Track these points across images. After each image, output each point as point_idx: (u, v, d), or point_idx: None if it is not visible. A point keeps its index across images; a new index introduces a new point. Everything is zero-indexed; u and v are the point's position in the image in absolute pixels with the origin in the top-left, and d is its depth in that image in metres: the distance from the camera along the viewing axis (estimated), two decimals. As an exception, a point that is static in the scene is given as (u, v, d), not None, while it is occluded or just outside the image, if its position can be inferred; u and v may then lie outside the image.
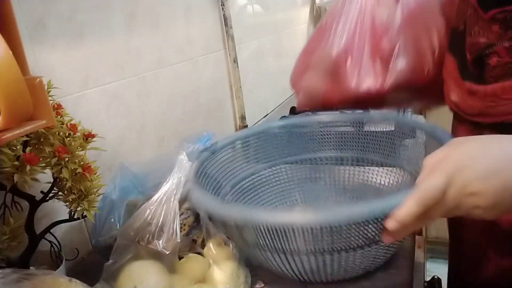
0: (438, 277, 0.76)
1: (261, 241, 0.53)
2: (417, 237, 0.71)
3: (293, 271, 0.57)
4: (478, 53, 0.54)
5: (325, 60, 0.73)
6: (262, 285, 0.61)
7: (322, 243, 0.51)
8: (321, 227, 0.50)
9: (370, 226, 0.49)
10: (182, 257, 0.63)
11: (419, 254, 0.75)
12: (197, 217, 0.66)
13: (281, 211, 0.75)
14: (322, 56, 0.74)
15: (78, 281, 0.50)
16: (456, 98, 0.59)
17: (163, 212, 0.60)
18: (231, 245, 0.61)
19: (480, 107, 0.54)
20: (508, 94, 0.51)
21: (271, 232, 0.51)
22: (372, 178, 0.78)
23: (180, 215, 0.65)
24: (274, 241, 0.52)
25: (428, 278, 0.86)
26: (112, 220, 0.66)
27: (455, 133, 0.63)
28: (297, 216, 0.48)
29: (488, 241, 0.59)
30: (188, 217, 0.66)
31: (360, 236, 0.51)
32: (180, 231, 0.65)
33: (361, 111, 0.81)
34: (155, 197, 0.61)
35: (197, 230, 0.67)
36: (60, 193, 0.57)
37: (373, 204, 0.43)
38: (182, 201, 0.67)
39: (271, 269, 0.60)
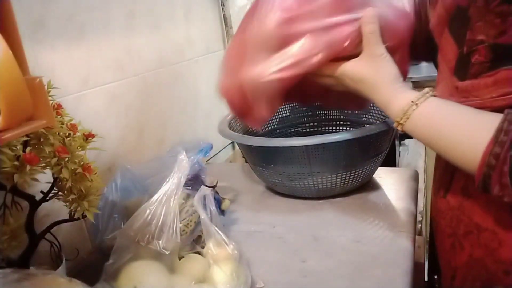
0: (438, 277, 0.76)
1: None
2: (417, 237, 0.71)
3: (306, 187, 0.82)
4: (471, 49, 0.54)
5: (265, 36, 0.61)
6: (262, 285, 0.61)
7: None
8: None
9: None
10: (182, 257, 0.63)
11: (419, 254, 0.75)
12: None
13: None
14: (259, 33, 0.61)
15: (78, 281, 0.50)
16: (441, 91, 0.60)
17: (163, 212, 0.60)
18: (231, 245, 0.61)
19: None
20: (476, 91, 0.52)
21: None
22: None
23: (186, 212, 0.66)
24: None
25: (426, 278, 0.86)
26: (117, 219, 0.66)
27: None
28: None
29: (463, 232, 0.61)
30: (193, 213, 0.66)
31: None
32: (187, 227, 0.65)
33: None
34: (155, 197, 0.61)
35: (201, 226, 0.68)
36: (60, 193, 0.57)
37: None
38: (186, 198, 0.67)
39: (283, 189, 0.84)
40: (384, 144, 0.83)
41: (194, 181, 0.70)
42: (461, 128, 0.53)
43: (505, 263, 0.55)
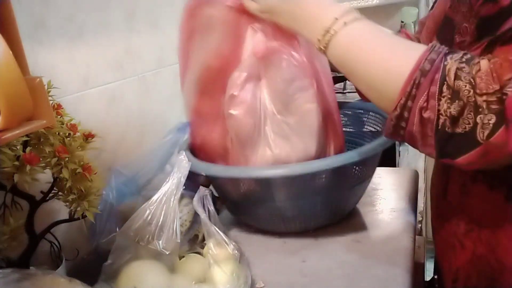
0: (438, 277, 0.76)
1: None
2: (417, 237, 0.71)
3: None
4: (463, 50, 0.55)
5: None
6: (262, 285, 0.61)
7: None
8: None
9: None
10: (183, 257, 0.63)
11: (419, 254, 0.75)
12: (196, 212, 0.67)
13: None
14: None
15: (78, 281, 0.50)
16: None
17: (163, 212, 0.60)
18: (231, 245, 0.61)
19: None
20: None
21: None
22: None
23: (180, 212, 0.66)
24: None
25: (428, 278, 0.86)
26: (112, 223, 0.66)
27: None
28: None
29: (464, 231, 0.60)
30: (188, 212, 0.66)
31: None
32: (182, 227, 0.65)
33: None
34: (155, 197, 0.61)
35: (198, 224, 0.68)
36: (60, 193, 0.57)
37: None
38: (180, 198, 0.67)
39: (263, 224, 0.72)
40: (372, 167, 0.74)
41: (187, 181, 0.69)
42: (392, 46, 0.50)
43: (503, 263, 0.55)
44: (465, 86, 0.43)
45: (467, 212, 0.59)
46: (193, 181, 0.69)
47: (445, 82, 0.44)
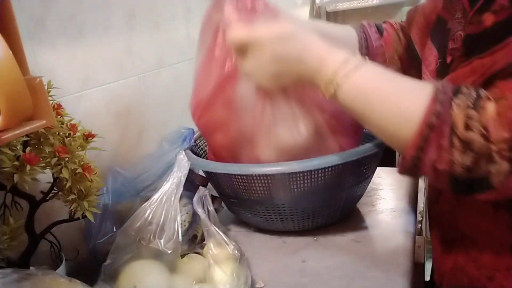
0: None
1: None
2: (417, 237, 0.71)
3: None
4: (454, 57, 0.55)
5: None
6: (262, 285, 0.61)
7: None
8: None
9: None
10: (183, 255, 0.63)
11: (419, 254, 0.75)
12: (194, 212, 0.67)
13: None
14: None
15: (78, 281, 0.50)
16: None
17: (163, 212, 0.60)
18: (231, 245, 0.61)
19: None
20: (456, 83, 0.51)
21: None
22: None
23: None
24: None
25: (428, 278, 0.86)
26: (109, 223, 0.66)
27: None
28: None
29: (451, 238, 0.61)
30: (187, 213, 0.67)
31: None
32: (181, 227, 0.65)
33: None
34: (155, 197, 0.61)
35: (196, 224, 0.68)
36: (60, 193, 0.57)
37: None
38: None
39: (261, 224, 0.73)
40: (372, 167, 0.73)
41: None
42: (397, 89, 0.49)
43: (487, 268, 0.55)
44: (477, 137, 0.43)
45: (455, 220, 0.59)
46: (190, 181, 0.69)
47: (455, 134, 0.43)
